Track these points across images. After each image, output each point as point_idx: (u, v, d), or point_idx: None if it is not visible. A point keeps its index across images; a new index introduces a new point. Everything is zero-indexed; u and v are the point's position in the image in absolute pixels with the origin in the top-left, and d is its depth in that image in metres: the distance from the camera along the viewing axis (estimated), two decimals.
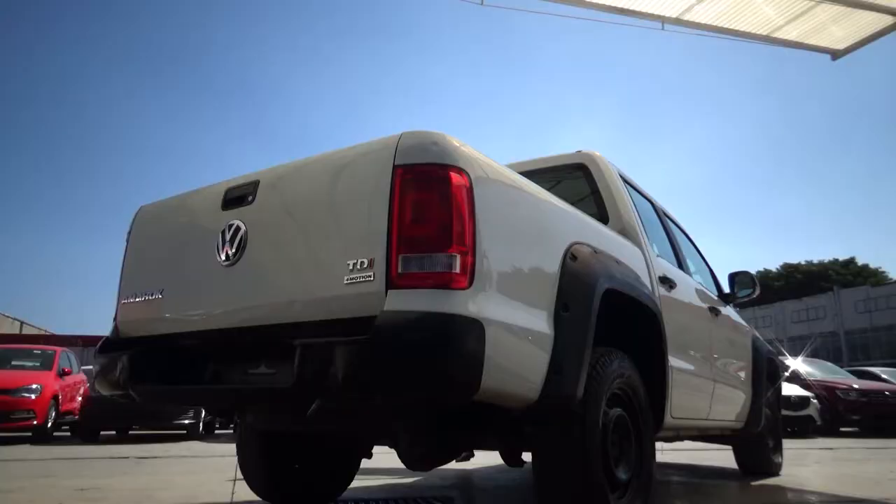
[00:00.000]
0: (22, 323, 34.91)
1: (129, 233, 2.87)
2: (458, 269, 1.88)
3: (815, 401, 11.04)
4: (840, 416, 11.56)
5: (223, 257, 2.34)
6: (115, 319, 2.77)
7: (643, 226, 3.46)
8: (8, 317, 33.50)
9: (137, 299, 2.66)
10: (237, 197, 2.42)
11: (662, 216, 4.16)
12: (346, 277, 1.98)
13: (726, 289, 4.72)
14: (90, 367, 10.52)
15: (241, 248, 2.30)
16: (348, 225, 2.07)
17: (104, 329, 2.87)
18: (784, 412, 7.41)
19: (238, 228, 2.33)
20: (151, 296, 2.60)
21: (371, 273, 1.93)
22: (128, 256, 2.84)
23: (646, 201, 3.91)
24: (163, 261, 2.68)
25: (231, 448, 5.37)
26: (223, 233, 2.37)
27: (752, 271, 4.79)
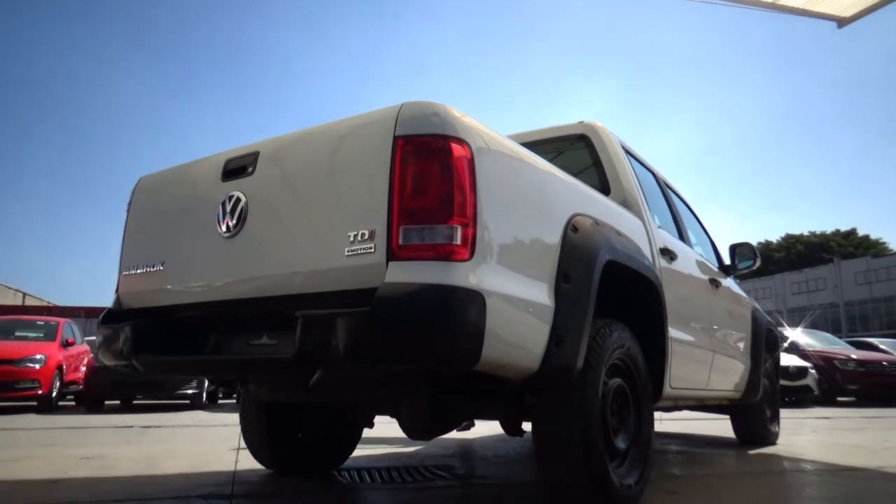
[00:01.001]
0: (24, 294, 35.04)
1: (129, 204, 2.86)
2: (458, 241, 1.88)
3: (813, 371, 11.14)
4: (838, 386, 11.67)
5: (224, 229, 2.34)
6: (116, 291, 2.78)
7: (645, 197, 3.45)
8: (10, 288, 33.62)
9: (138, 271, 2.67)
10: (237, 168, 2.41)
11: (664, 187, 4.14)
12: (346, 249, 1.98)
13: (727, 260, 4.73)
14: (93, 337, 10.59)
15: (241, 219, 2.30)
16: (349, 196, 2.06)
17: (106, 300, 2.88)
18: (782, 382, 7.49)
19: (238, 200, 2.32)
20: (153, 267, 2.60)
21: (372, 245, 1.93)
22: (128, 228, 2.83)
23: (647, 172, 3.89)
24: (163, 232, 2.67)
25: (234, 418, 5.44)
26: (223, 204, 2.36)
27: (754, 242, 4.79)
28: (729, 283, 4.62)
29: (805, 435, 6.11)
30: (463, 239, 1.88)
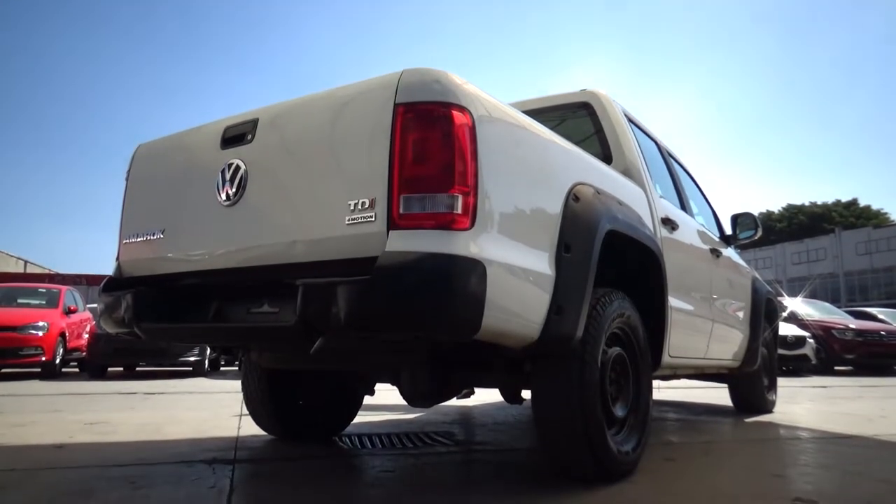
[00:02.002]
0: (26, 262, 35.09)
1: (128, 172, 2.84)
2: (459, 210, 1.87)
3: (811, 340, 11.21)
4: (835, 355, 11.76)
5: (223, 197, 2.32)
6: (117, 259, 2.78)
7: (647, 166, 3.43)
8: (12, 256, 33.66)
9: (139, 239, 2.66)
10: (236, 135, 2.38)
11: (666, 156, 4.11)
12: (347, 218, 1.97)
13: (728, 230, 4.72)
14: (95, 305, 10.63)
15: (241, 187, 2.28)
16: (349, 164, 2.04)
17: (107, 268, 2.88)
18: (780, 351, 7.54)
19: (238, 168, 2.31)
20: (153, 235, 2.60)
21: (372, 213, 1.92)
22: (128, 196, 2.82)
23: (650, 141, 3.86)
24: (163, 200, 2.66)
25: (236, 385, 5.49)
26: (223, 172, 2.34)
27: (756, 212, 4.77)
28: (730, 252, 4.62)
29: (802, 403, 6.17)
30: (464, 208, 1.88)
